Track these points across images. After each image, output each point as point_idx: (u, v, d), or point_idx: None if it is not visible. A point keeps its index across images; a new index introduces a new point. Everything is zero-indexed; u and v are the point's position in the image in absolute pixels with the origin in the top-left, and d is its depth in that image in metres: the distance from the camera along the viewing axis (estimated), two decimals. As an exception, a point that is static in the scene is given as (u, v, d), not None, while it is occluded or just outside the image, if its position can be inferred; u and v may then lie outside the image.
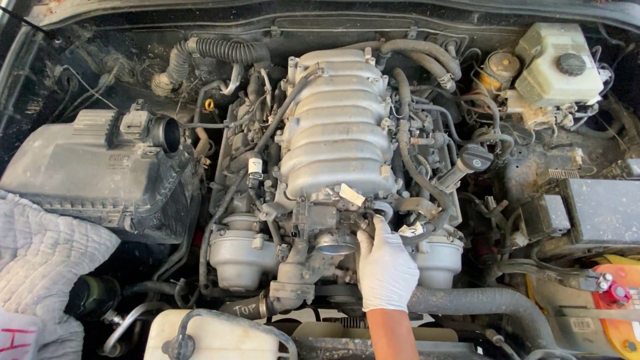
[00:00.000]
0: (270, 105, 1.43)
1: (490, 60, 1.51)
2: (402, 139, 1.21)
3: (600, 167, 1.50)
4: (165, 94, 1.71)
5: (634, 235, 1.13)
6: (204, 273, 1.25)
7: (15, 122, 1.21)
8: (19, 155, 1.06)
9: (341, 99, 1.18)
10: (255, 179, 1.21)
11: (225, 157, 1.47)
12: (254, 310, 1.10)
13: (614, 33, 1.44)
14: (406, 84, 1.41)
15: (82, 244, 0.99)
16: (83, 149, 1.04)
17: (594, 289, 1.05)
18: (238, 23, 1.42)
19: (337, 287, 1.22)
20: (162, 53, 1.59)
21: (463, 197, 1.49)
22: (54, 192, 0.99)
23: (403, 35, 1.49)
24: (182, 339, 0.86)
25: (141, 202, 0.99)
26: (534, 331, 1.09)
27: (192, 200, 1.38)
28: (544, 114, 1.45)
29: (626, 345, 1.03)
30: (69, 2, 1.34)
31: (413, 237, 1.00)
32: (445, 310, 1.08)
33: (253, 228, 1.21)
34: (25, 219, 0.97)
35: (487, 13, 1.39)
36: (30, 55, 1.26)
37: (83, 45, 1.48)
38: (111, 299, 1.13)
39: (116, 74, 1.62)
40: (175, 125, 1.15)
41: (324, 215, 1.03)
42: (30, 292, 0.87)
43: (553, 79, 1.31)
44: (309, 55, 1.35)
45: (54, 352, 0.91)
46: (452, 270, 1.24)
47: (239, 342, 0.91)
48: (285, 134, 1.18)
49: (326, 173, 1.03)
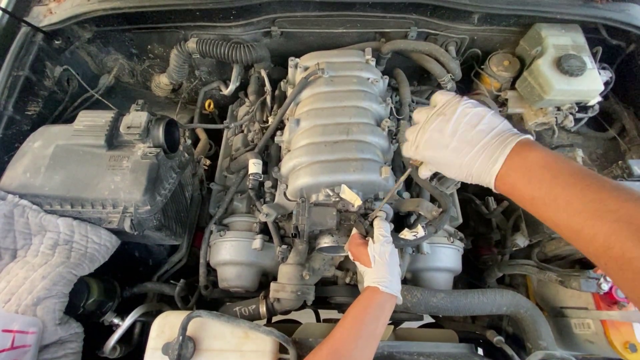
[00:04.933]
0: (271, 106, 1.42)
1: (490, 60, 1.51)
2: (402, 139, 1.21)
3: (601, 167, 1.50)
4: (165, 95, 1.71)
5: (634, 236, 1.13)
6: (204, 274, 1.24)
7: (15, 122, 1.20)
8: (19, 156, 1.06)
9: (341, 99, 1.18)
10: (255, 179, 1.21)
11: (225, 158, 1.46)
12: (254, 311, 1.10)
13: (615, 33, 1.44)
14: (406, 84, 1.40)
15: (82, 245, 0.99)
16: (83, 149, 1.04)
17: (594, 290, 1.05)
18: (238, 23, 1.42)
19: (338, 288, 1.22)
20: (162, 53, 1.59)
21: (463, 197, 1.49)
22: (54, 193, 0.99)
23: (403, 36, 1.49)
24: (182, 340, 0.86)
25: (141, 203, 0.99)
26: (534, 332, 1.08)
27: (192, 201, 1.38)
28: (544, 115, 1.45)
29: (627, 346, 1.03)
30: (69, 2, 1.34)
31: (414, 239, 1.00)
32: (445, 311, 1.08)
33: (253, 229, 1.21)
34: (25, 220, 0.97)
35: (488, 13, 1.39)
36: (30, 55, 1.26)
37: (83, 46, 1.48)
38: (111, 300, 1.13)
39: (116, 75, 1.62)
40: (175, 125, 1.15)
41: (324, 216, 1.03)
42: (30, 293, 0.87)
43: (554, 80, 1.31)
44: (309, 56, 1.34)
45: (54, 353, 0.91)
46: (453, 271, 1.24)
47: (239, 343, 0.91)
48: (285, 135, 1.18)
49: (326, 174, 1.03)
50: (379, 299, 0.83)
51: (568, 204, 0.50)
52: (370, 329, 0.80)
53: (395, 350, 0.99)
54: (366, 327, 0.80)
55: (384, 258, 0.88)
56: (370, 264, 0.88)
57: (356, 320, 0.81)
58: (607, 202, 0.47)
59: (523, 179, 0.56)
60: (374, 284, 0.85)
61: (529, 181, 0.55)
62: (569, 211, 0.50)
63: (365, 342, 0.79)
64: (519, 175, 0.57)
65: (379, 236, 0.91)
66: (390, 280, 0.85)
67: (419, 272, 1.21)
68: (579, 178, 0.51)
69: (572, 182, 0.51)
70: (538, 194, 0.54)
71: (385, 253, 0.88)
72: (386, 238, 0.91)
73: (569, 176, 0.52)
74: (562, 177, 0.52)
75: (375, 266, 0.88)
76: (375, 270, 0.87)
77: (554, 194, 0.52)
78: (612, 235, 0.45)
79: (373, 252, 0.89)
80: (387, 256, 0.88)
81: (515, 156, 0.57)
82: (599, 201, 0.48)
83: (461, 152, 0.61)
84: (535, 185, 0.54)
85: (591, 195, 0.49)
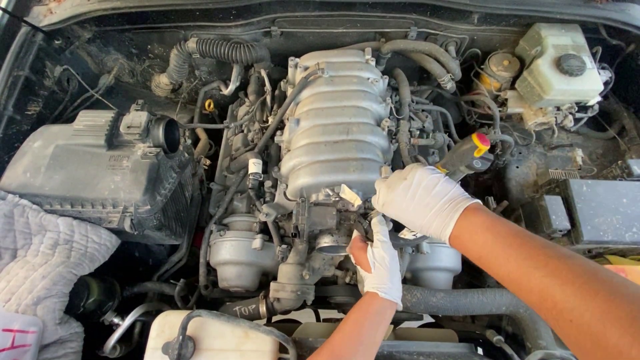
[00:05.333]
0: (271, 106, 1.43)
1: (490, 60, 1.51)
2: (402, 139, 1.21)
3: (601, 167, 1.50)
4: (165, 95, 1.71)
5: (634, 236, 1.13)
6: (204, 274, 1.25)
7: (15, 122, 1.21)
8: (19, 156, 1.06)
9: (341, 99, 1.18)
10: (255, 179, 1.21)
11: (225, 158, 1.46)
12: (254, 311, 1.10)
13: (615, 33, 1.44)
14: (406, 84, 1.41)
15: (82, 245, 0.99)
16: (83, 149, 1.04)
17: (594, 290, 1.04)
18: (238, 23, 1.42)
19: (337, 288, 1.22)
20: (162, 53, 1.59)
21: (463, 197, 1.49)
22: (54, 192, 0.99)
23: (403, 36, 1.49)
24: (182, 340, 0.86)
25: (141, 202, 0.99)
26: (534, 332, 1.08)
27: (192, 201, 1.38)
28: (544, 115, 1.45)
29: (626, 346, 1.02)
30: (69, 2, 1.34)
31: (414, 239, 1.00)
32: (445, 311, 1.08)
33: (253, 229, 1.21)
34: (25, 220, 0.97)
35: (487, 13, 1.39)
36: (30, 55, 1.26)
37: (83, 46, 1.48)
38: (111, 299, 1.13)
39: (116, 75, 1.62)
40: (175, 125, 1.15)
41: (324, 216, 1.03)
42: (31, 293, 0.87)
43: (553, 80, 1.31)
44: (309, 56, 1.35)
45: (55, 353, 0.91)
46: (453, 270, 1.24)
47: (239, 343, 0.91)
48: (285, 135, 1.18)
49: (326, 173, 1.03)
50: (377, 305, 0.82)
51: (507, 261, 0.58)
52: (370, 335, 0.79)
53: (395, 350, 0.99)
54: (366, 332, 0.79)
55: (383, 264, 0.86)
56: (370, 269, 0.87)
57: (356, 325, 0.80)
58: (537, 259, 0.54)
59: (470, 240, 0.65)
60: (373, 289, 0.83)
61: (475, 242, 0.64)
62: (509, 267, 0.58)
63: (365, 349, 0.78)
64: (467, 237, 0.66)
65: (377, 241, 0.90)
66: (390, 286, 0.83)
67: (419, 271, 1.21)
68: (515, 238, 0.59)
69: (509, 242, 0.59)
70: (483, 252, 0.63)
71: (385, 259, 0.86)
72: (385, 242, 0.89)
73: (506, 237, 0.60)
74: (501, 238, 0.61)
75: (375, 271, 0.86)
76: (375, 275, 0.86)
77: (495, 253, 0.60)
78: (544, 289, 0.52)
79: (372, 257, 0.87)
80: (386, 262, 0.86)
81: (463, 220, 0.66)
82: (530, 258, 0.55)
83: (419, 215, 0.71)
84: (480, 245, 0.63)
85: (525, 254, 0.56)
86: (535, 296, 0.54)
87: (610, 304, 0.46)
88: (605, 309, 0.45)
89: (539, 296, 0.53)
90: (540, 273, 0.53)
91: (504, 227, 0.62)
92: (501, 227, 0.62)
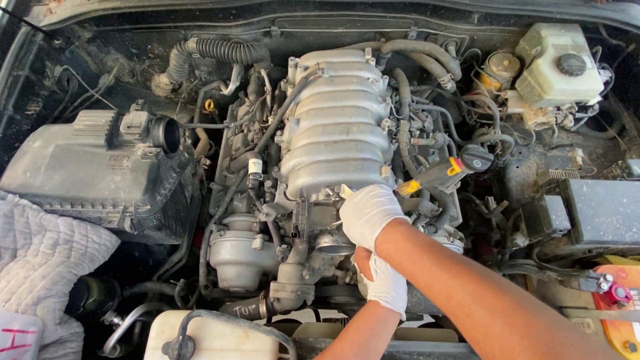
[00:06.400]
0: (270, 106, 1.43)
1: (490, 60, 1.51)
2: (402, 139, 1.21)
3: (601, 167, 1.50)
4: (165, 95, 1.71)
5: (634, 236, 1.13)
6: (204, 274, 1.24)
7: (15, 122, 1.21)
8: (19, 156, 1.06)
9: (341, 99, 1.18)
10: (255, 179, 1.21)
11: (225, 158, 1.46)
12: (254, 311, 1.10)
13: (615, 33, 1.44)
14: (406, 84, 1.40)
15: (82, 245, 0.99)
16: (83, 149, 1.04)
17: (594, 290, 1.05)
18: (238, 23, 1.42)
19: (337, 288, 1.22)
20: (162, 53, 1.59)
21: (463, 197, 1.49)
22: (54, 192, 0.99)
23: (403, 36, 1.49)
24: (182, 340, 0.86)
25: (141, 202, 0.99)
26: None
27: (192, 201, 1.38)
28: (544, 115, 1.45)
29: (627, 346, 1.03)
30: (69, 2, 1.34)
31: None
32: (445, 311, 1.08)
33: (253, 229, 1.21)
34: (25, 220, 0.97)
35: (487, 13, 1.39)
36: (30, 55, 1.26)
37: (83, 46, 1.48)
38: (111, 299, 1.13)
39: (116, 75, 1.62)
40: (175, 125, 1.15)
41: (324, 216, 1.03)
42: (30, 293, 0.87)
43: (553, 80, 1.31)
44: (309, 56, 1.35)
45: (55, 353, 0.91)
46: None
47: (239, 343, 0.91)
48: (285, 135, 1.18)
49: (326, 173, 1.03)
50: (379, 314, 0.80)
51: (422, 267, 0.69)
52: (372, 344, 0.78)
53: (395, 350, 0.99)
54: (367, 342, 0.78)
55: (385, 272, 0.83)
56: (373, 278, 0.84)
57: (358, 334, 0.79)
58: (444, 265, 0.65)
59: (393, 248, 0.76)
60: (374, 298, 0.81)
61: (397, 249, 0.75)
62: (423, 272, 0.68)
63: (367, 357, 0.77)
64: (391, 245, 0.76)
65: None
66: (394, 295, 0.80)
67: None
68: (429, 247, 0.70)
69: (424, 250, 0.70)
70: (403, 259, 0.73)
71: (387, 267, 0.83)
72: None
73: (422, 246, 0.71)
74: (419, 247, 0.71)
75: (377, 280, 0.83)
76: (377, 284, 0.83)
77: (412, 259, 0.71)
78: (449, 289, 0.62)
79: (374, 265, 0.85)
80: (388, 270, 0.83)
81: (389, 229, 0.77)
82: (439, 264, 0.66)
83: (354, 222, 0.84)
84: (401, 252, 0.74)
85: (435, 260, 0.67)
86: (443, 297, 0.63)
87: (497, 299, 0.55)
88: (493, 303, 0.55)
89: (446, 296, 0.62)
90: (446, 275, 0.63)
91: (421, 238, 0.73)
92: (418, 238, 0.73)
